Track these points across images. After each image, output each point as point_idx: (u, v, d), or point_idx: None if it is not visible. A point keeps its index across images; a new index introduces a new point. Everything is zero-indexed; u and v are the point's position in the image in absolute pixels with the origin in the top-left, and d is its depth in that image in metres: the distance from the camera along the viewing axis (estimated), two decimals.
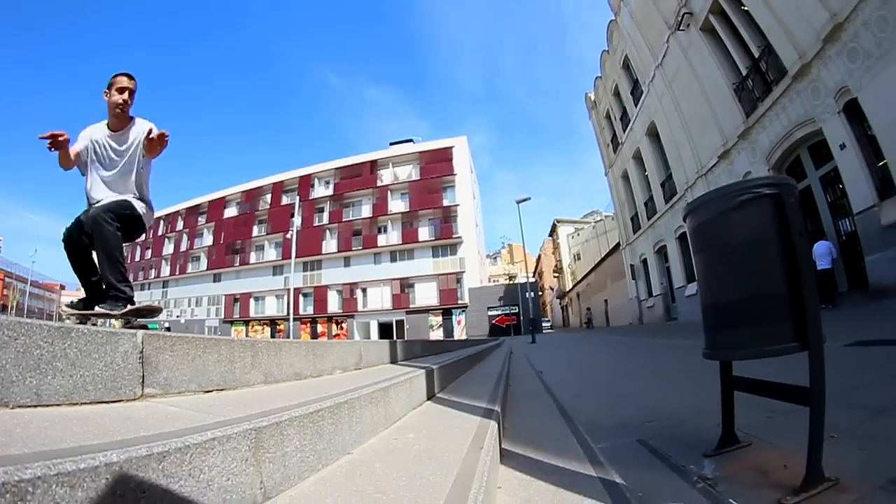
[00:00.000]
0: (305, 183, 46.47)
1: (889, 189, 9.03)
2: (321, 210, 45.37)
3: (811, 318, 1.61)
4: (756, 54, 12.60)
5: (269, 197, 48.43)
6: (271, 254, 46.55)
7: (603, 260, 35.77)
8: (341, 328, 42.03)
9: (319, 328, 42.79)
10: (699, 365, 2.24)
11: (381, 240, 42.43)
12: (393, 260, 42.20)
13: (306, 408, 1.47)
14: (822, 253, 10.20)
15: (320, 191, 46.40)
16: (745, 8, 12.54)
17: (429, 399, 2.96)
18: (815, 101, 10.49)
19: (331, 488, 1.31)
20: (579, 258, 52.66)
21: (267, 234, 46.51)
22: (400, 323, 40.42)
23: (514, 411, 3.58)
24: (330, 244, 43.89)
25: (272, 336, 41.79)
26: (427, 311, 40.19)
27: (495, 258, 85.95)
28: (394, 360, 4.48)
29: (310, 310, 43.29)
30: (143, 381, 1.63)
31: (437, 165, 42.75)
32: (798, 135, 11.38)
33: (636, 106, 21.83)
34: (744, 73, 13.36)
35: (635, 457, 2.20)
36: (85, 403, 1.42)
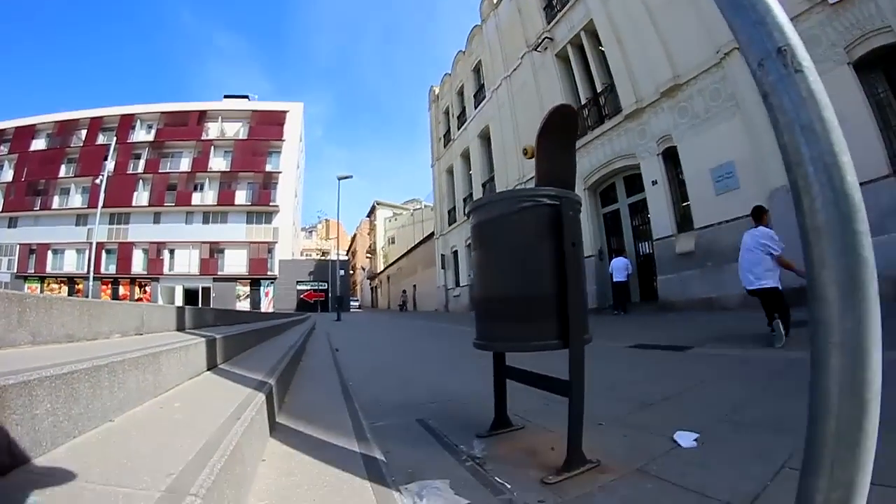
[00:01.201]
0: (126, 123, 36.68)
1: (686, 225, 10.24)
2: (138, 157, 36.38)
3: (574, 320, 1.62)
4: (599, 89, 13.20)
5: (84, 133, 36.59)
6: (77, 200, 35.59)
7: (416, 246, 34.98)
8: (145, 292, 34.51)
9: (122, 290, 34.30)
10: (489, 353, 2.11)
11: (196, 198, 35.89)
12: (206, 221, 36.11)
13: (60, 368, 1.17)
14: (620, 268, 10.99)
15: (141, 135, 36.95)
16: (602, 48, 12.95)
17: (209, 369, 2.65)
18: (640, 140, 11.36)
19: (83, 455, 1.11)
20: (394, 242, 50.77)
21: (75, 175, 35.38)
22: (206, 290, 34.83)
23: (299, 387, 3.42)
24: (141, 196, 35.48)
25: (69, 296, 32.10)
26: (235, 279, 35.43)
27: (311, 232, 78.99)
28: (181, 328, 3.91)
29: (112, 269, 34.53)
30: None
31: (267, 128, 37.82)
32: (617, 165, 12.25)
33: (476, 108, 21.70)
34: (583, 101, 13.79)
35: (411, 435, 2.16)
36: None
